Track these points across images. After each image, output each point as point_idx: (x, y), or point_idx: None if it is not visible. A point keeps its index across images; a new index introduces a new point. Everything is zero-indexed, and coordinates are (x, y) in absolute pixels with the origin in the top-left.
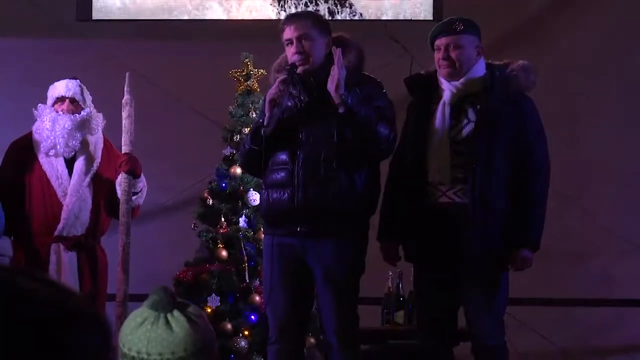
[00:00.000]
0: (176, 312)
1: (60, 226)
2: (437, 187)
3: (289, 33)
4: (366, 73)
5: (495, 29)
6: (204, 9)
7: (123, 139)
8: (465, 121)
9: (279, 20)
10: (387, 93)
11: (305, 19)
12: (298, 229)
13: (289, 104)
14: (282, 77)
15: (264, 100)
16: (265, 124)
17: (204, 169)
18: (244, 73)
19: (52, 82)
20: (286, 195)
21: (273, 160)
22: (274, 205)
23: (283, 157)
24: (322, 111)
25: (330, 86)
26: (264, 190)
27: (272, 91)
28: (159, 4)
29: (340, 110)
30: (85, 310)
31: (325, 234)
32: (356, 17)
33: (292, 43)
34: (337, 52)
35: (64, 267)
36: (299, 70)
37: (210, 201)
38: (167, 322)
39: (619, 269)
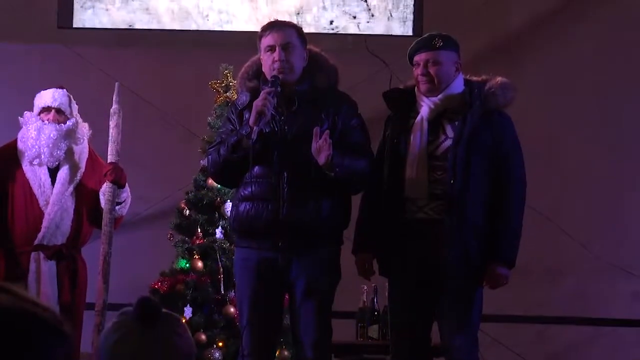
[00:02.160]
0: (163, 324)
1: (40, 235)
2: (414, 202)
3: (271, 40)
4: (341, 90)
5: (475, 45)
6: (186, 19)
7: (109, 149)
8: (443, 137)
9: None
10: (360, 114)
11: (291, 28)
12: (280, 243)
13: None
14: (268, 89)
15: (233, 109)
16: (253, 136)
17: (182, 180)
18: (223, 84)
19: (32, 88)
20: (269, 208)
21: (250, 172)
22: (255, 219)
23: (262, 170)
24: (301, 123)
25: (318, 158)
26: (242, 203)
27: (259, 103)
28: (141, 13)
29: (332, 174)
30: (50, 320)
31: (308, 247)
32: (340, 31)
33: (273, 50)
34: (325, 135)
35: (43, 276)
36: (281, 78)
37: (187, 212)
38: (155, 334)
39: (593, 287)
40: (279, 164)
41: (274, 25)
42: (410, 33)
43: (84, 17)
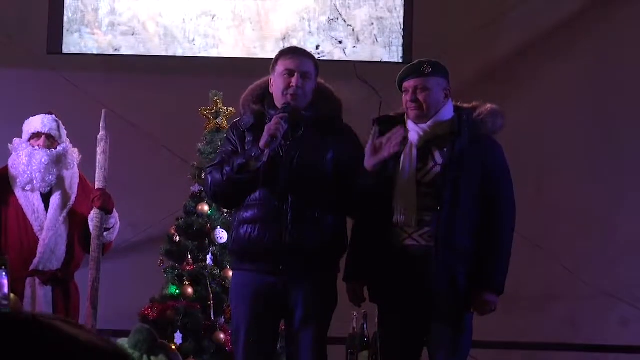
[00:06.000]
0: (158, 352)
1: (36, 260)
2: (403, 229)
3: (292, 65)
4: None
5: (464, 72)
6: (172, 43)
7: (97, 175)
8: (432, 164)
9: (247, 59)
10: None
11: (311, 59)
12: (280, 267)
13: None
14: (281, 114)
15: (234, 130)
16: (264, 159)
17: (172, 206)
18: (213, 111)
19: (20, 115)
20: (271, 232)
21: (252, 195)
22: (256, 242)
23: (264, 193)
24: (306, 149)
25: (371, 160)
26: (243, 226)
27: (272, 126)
28: (128, 37)
29: (370, 182)
30: (121, 354)
31: (307, 273)
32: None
33: (291, 75)
34: (399, 132)
35: (39, 301)
36: (292, 104)
37: (177, 238)
38: None
39: (582, 313)
40: (283, 188)
41: (297, 52)
42: (395, 59)
43: (70, 41)
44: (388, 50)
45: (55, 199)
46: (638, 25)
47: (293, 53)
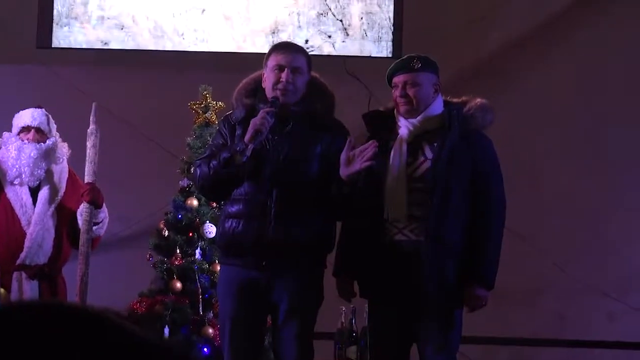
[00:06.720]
0: None
1: (23, 255)
2: (393, 224)
3: (283, 60)
4: (336, 119)
5: (455, 67)
6: (161, 37)
7: (86, 169)
8: (422, 158)
9: (236, 53)
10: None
11: (302, 54)
12: (264, 262)
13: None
14: (267, 108)
15: (225, 123)
16: (247, 153)
17: (161, 200)
18: (202, 105)
19: (10, 109)
20: (255, 227)
21: (238, 190)
22: (240, 237)
23: (250, 187)
24: (293, 145)
25: (345, 171)
26: (228, 220)
27: (257, 121)
28: (117, 31)
29: (345, 191)
30: (167, 346)
31: (292, 268)
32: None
33: (282, 70)
34: (372, 146)
35: (26, 295)
36: (281, 100)
37: (166, 232)
38: None
39: (571, 309)
40: (268, 183)
41: (288, 47)
42: (385, 54)
43: (59, 35)
44: (377, 45)
45: (43, 193)
46: (634, 18)
47: (285, 48)
